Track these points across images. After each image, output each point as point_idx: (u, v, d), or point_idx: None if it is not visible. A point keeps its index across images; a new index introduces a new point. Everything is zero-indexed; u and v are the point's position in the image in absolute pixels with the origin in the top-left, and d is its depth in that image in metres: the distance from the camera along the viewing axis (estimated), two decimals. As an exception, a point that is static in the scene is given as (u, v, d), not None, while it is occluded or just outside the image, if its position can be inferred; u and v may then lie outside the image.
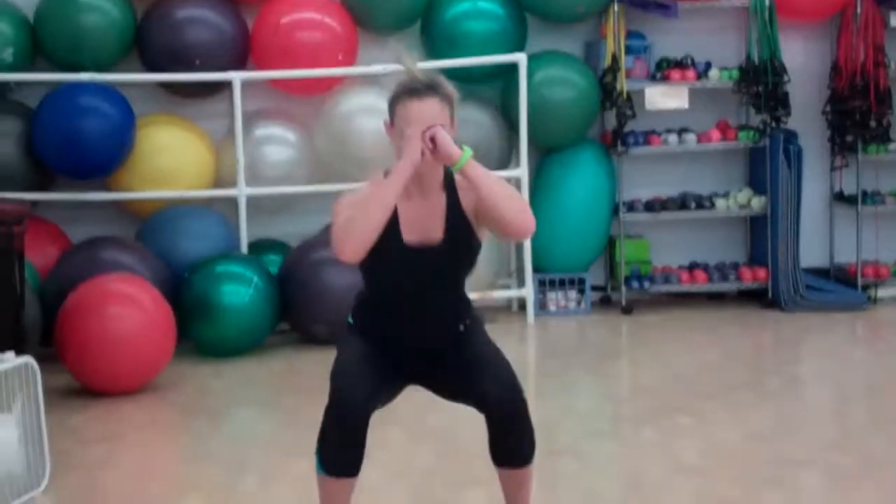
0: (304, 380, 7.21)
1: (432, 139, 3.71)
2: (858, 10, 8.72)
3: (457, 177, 3.85)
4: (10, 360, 5.36)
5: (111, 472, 5.73)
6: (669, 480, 5.30)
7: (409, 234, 3.80)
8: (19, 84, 8.28)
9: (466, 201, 3.85)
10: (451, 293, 3.91)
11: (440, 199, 3.84)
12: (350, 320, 4.03)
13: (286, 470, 5.65)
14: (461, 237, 3.84)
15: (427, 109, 3.73)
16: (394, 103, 3.82)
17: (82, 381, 6.94)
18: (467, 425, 5.27)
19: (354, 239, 3.68)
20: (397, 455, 5.73)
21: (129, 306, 6.95)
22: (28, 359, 5.44)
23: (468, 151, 3.76)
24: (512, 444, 3.88)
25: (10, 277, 6.64)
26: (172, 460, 6.11)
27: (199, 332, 7.68)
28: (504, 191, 3.75)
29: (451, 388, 3.94)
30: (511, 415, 3.83)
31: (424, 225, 3.81)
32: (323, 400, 6.54)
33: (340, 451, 3.86)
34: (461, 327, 3.95)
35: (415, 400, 4.57)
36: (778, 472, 5.35)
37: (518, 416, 3.84)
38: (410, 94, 3.76)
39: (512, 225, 3.75)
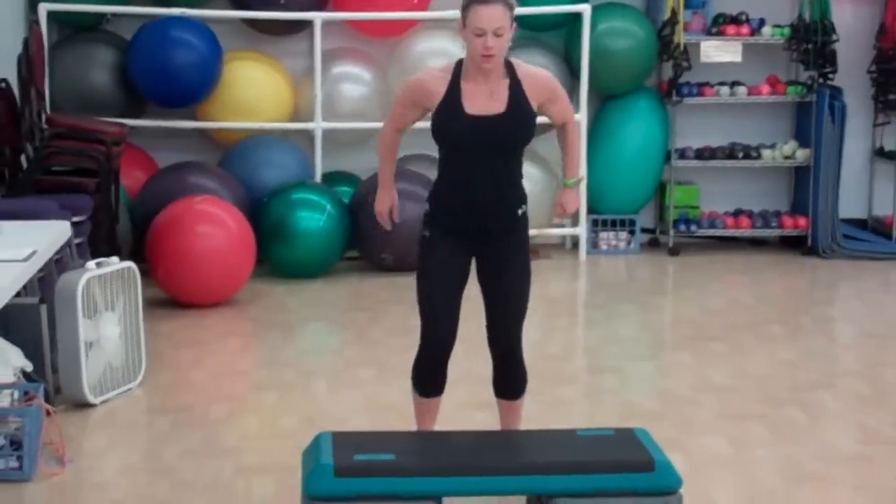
0: (371, 302, 7.78)
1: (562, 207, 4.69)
2: (908, -27, 9.10)
3: (518, 68, 4.46)
4: (115, 263, 6.00)
5: (198, 372, 6.37)
6: (699, 396, 5.89)
7: (472, 107, 4.41)
8: (115, 16, 8.78)
9: (530, 90, 4.44)
10: (510, 164, 4.49)
11: (503, 83, 4.44)
12: (426, 205, 4.59)
13: (352, 377, 6.26)
14: (520, 110, 4.43)
15: (493, 11, 4.34)
16: (465, 9, 4.40)
17: (170, 292, 7.56)
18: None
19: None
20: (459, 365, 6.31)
21: (215, 225, 7.56)
22: (130, 263, 6.07)
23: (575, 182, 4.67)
24: (507, 382, 4.72)
25: (109, 193, 7.30)
26: (252, 364, 6.74)
27: (275, 253, 8.24)
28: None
29: (484, 284, 4.60)
30: (509, 362, 4.67)
31: (486, 101, 4.41)
32: (386, 321, 7.25)
33: (431, 378, 4.68)
34: (518, 212, 4.52)
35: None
36: (799, 394, 5.91)
37: (514, 364, 4.67)
38: (479, 0, 4.35)
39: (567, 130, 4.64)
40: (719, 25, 9.25)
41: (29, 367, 5.48)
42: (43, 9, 8.38)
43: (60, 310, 5.73)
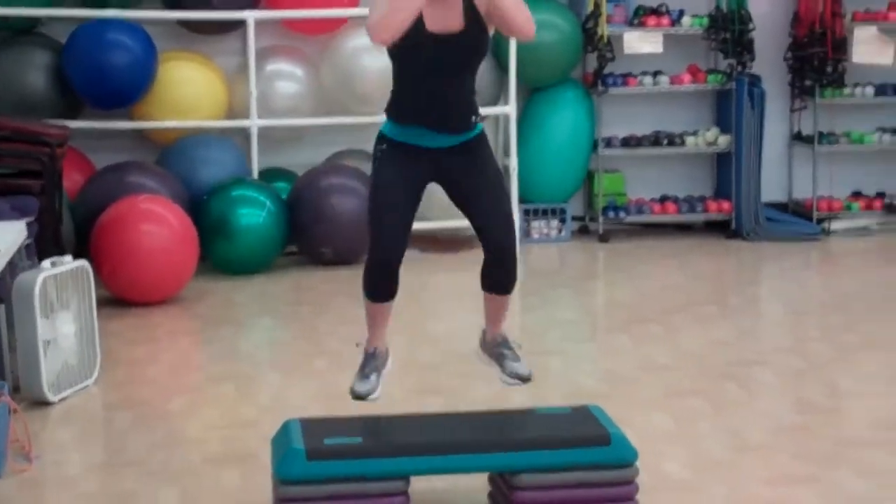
0: (314, 296, 7.94)
1: None
2: (819, -37, 9.41)
3: None
4: (69, 262, 6.11)
5: (153, 367, 6.50)
6: (641, 376, 6.14)
7: (432, 24, 4.46)
8: (49, 19, 8.84)
9: (479, 2, 4.49)
10: (467, 79, 4.55)
11: (457, 1, 4.48)
12: (385, 123, 4.63)
13: (305, 367, 6.43)
14: (476, 28, 4.50)
15: None
16: None
17: (116, 291, 7.66)
18: (463, 331, 6.07)
19: (389, 28, 4.36)
20: (402, 354, 6.52)
21: (158, 223, 7.69)
22: (83, 262, 6.19)
23: None
24: (498, 276, 4.68)
25: (53, 194, 7.38)
26: (205, 359, 6.88)
27: (216, 250, 8.34)
28: (515, 1, 4.50)
29: (461, 199, 4.63)
30: (504, 257, 4.62)
31: (445, 19, 4.46)
32: (331, 313, 7.41)
33: (380, 285, 4.63)
34: (473, 119, 4.58)
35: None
36: (736, 370, 6.20)
37: (508, 259, 4.63)
38: None
39: (519, 29, 4.54)
40: (640, 17, 9.51)
41: (-11, 367, 5.58)
42: (-24, 13, 8.44)
43: (18, 309, 5.83)
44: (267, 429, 4.99)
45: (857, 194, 9.85)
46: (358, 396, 4.73)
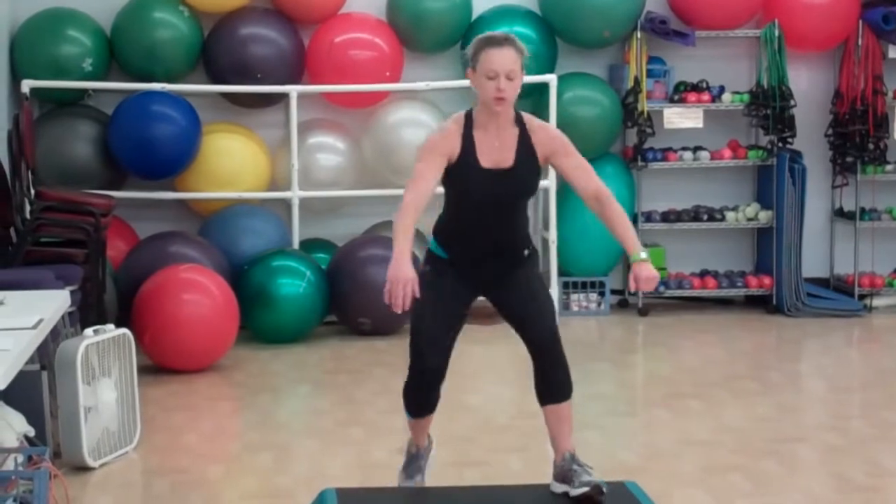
0: (353, 365, 7.95)
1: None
2: (860, 42, 9.41)
3: (526, 118, 4.62)
4: (111, 330, 6.18)
5: (192, 435, 6.53)
6: (681, 450, 6.11)
7: (485, 160, 4.55)
8: (96, 91, 9.01)
9: (537, 141, 4.60)
10: (516, 212, 4.65)
11: (512, 133, 4.59)
12: (432, 240, 4.72)
13: (342, 436, 6.44)
14: (527, 165, 4.60)
15: (505, 55, 4.48)
16: (477, 53, 4.53)
17: (157, 359, 7.72)
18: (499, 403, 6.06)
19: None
20: (439, 426, 6.51)
21: (200, 293, 7.75)
22: (125, 330, 6.26)
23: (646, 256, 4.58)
24: (552, 382, 4.72)
25: (97, 263, 7.47)
26: (243, 426, 6.90)
27: (256, 319, 8.41)
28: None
29: (504, 309, 4.69)
30: (550, 354, 4.66)
31: (497, 153, 4.55)
32: (370, 383, 7.44)
33: (422, 403, 4.74)
34: (525, 252, 4.67)
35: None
36: (776, 446, 6.15)
37: (555, 356, 4.68)
38: (491, 43, 4.51)
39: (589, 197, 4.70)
40: (681, 93, 9.55)
41: (31, 432, 5.60)
42: (26, 85, 8.58)
43: (60, 376, 5.89)
44: (303, 499, 5.00)
45: (899, 271, 9.82)
46: None
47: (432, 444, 4.88)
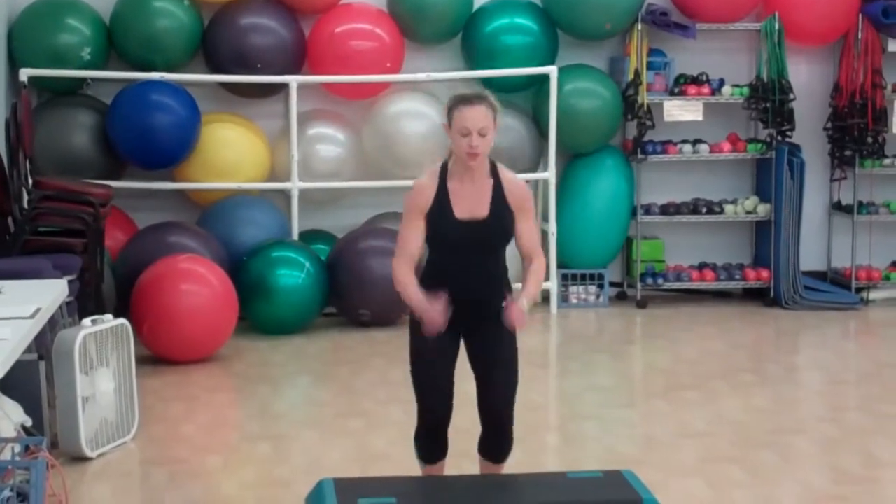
0: (352, 356, 7.95)
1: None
2: (859, 35, 9.40)
3: (502, 171, 4.75)
4: (109, 320, 6.18)
5: (190, 425, 6.53)
6: (678, 442, 6.12)
7: (460, 211, 4.68)
8: (95, 80, 8.96)
9: (510, 194, 4.73)
10: (493, 258, 4.77)
11: (486, 185, 4.72)
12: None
13: (341, 427, 6.44)
14: (502, 215, 4.72)
15: (477, 113, 4.62)
16: (451, 110, 4.69)
17: (155, 349, 7.71)
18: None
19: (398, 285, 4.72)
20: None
21: (198, 283, 7.74)
22: (123, 321, 6.26)
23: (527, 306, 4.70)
24: (493, 447, 4.89)
25: (95, 253, 7.47)
26: (241, 418, 6.90)
27: (255, 310, 8.40)
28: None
29: (473, 358, 4.82)
30: (498, 428, 4.83)
31: (472, 204, 4.69)
32: (369, 374, 7.43)
33: (434, 449, 4.87)
34: (503, 303, 4.74)
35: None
36: (773, 438, 6.17)
37: (503, 430, 4.84)
38: (464, 102, 4.66)
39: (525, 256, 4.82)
40: (681, 86, 9.54)
41: (28, 421, 5.61)
42: (24, 74, 8.57)
43: (58, 366, 5.89)
44: (301, 488, 5.00)
45: (896, 264, 9.84)
46: None
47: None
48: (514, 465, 5.58)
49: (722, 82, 9.58)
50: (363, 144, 9.16)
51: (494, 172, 4.74)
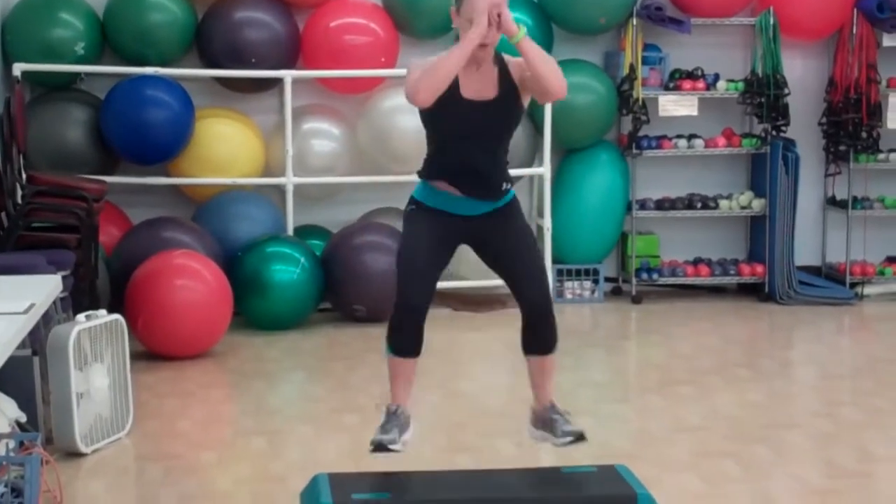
0: (347, 352, 7.95)
1: (498, 14, 4.54)
2: (854, 30, 9.40)
3: (506, 56, 4.66)
4: (103, 316, 6.17)
5: (185, 421, 6.53)
6: (672, 436, 6.13)
7: (466, 92, 4.60)
8: (89, 75, 8.96)
9: (514, 72, 4.64)
10: (498, 147, 4.69)
11: (492, 69, 4.64)
12: (417, 186, 4.75)
13: (336, 423, 6.44)
14: (510, 96, 4.63)
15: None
16: None
17: (150, 345, 7.70)
18: (491, 390, 6.05)
19: (428, 88, 4.49)
20: (432, 411, 6.54)
21: (193, 279, 7.74)
22: (117, 316, 6.25)
23: (525, 28, 4.60)
24: (539, 337, 4.78)
25: (89, 248, 7.46)
26: (236, 413, 6.91)
27: (250, 306, 8.39)
28: (548, 61, 4.59)
29: (494, 262, 4.75)
30: (542, 316, 4.72)
31: (479, 87, 4.61)
32: (364, 370, 7.44)
33: (405, 340, 4.71)
34: (504, 185, 4.69)
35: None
36: (767, 432, 6.17)
37: (546, 317, 4.73)
38: None
39: (552, 87, 4.59)
40: (676, 80, 9.55)
41: (23, 417, 5.61)
42: (17, 69, 8.56)
43: (52, 362, 5.88)
44: (296, 484, 5.00)
45: (890, 259, 9.82)
46: (379, 445, 4.71)
47: (411, 422, 4.86)
48: (508, 458, 5.61)
49: (717, 77, 9.58)
50: (358, 139, 9.15)
51: (500, 60, 4.65)
